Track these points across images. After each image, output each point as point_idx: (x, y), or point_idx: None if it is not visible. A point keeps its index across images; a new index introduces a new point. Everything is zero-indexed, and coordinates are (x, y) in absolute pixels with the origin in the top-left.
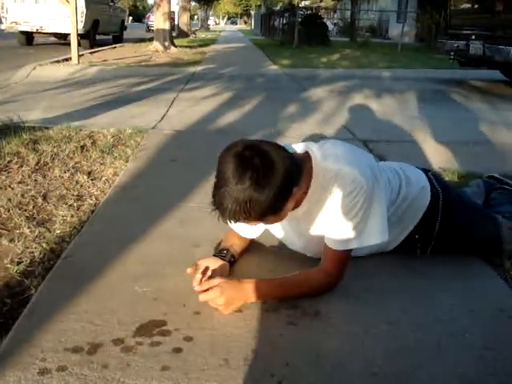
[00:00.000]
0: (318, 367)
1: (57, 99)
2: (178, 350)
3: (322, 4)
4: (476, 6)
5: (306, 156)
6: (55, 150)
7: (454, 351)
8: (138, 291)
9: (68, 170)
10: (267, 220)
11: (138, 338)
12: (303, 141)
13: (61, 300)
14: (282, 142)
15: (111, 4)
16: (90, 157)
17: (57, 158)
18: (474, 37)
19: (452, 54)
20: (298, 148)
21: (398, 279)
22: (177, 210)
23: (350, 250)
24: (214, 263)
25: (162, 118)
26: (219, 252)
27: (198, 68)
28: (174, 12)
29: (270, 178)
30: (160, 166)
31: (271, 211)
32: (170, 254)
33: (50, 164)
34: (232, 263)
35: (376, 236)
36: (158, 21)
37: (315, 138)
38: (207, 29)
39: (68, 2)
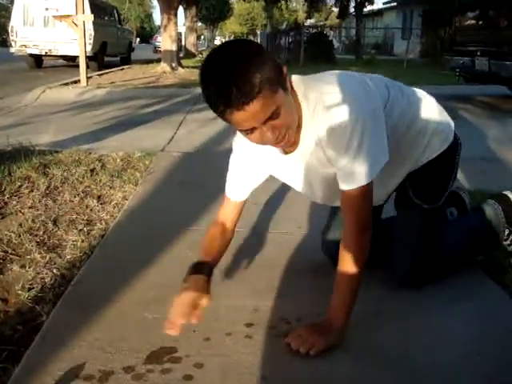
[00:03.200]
0: None
1: (66, 122)
2: (188, 378)
3: (328, 22)
4: (481, 22)
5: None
6: (65, 173)
7: (465, 373)
8: (148, 317)
9: (78, 195)
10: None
11: (149, 365)
12: None
13: (72, 327)
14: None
15: (119, 26)
16: (100, 180)
17: (67, 182)
18: (479, 53)
19: (458, 70)
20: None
21: (407, 301)
22: (186, 234)
23: (363, 189)
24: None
25: (171, 140)
26: (197, 268)
27: None
28: (180, 33)
29: (261, 54)
30: (169, 189)
31: (271, 83)
32: (180, 278)
33: (60, 188)
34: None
35: (380, 157)
36: (165, 42)
37: None
38: None
39: (76, 25)
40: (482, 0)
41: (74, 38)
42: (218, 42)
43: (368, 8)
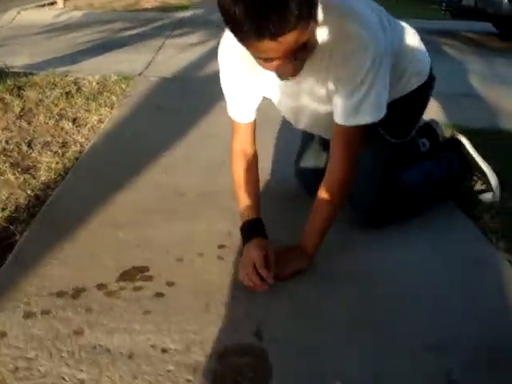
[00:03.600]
0: (297, 312)
1: (42, 44)
2: (160, 295)
3: None
4: None
5: None
6: (40, 96)
7: (429, 300)
8: (121, 238)
9: (53, 117)
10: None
11: (122, 282)
12: None
13: (45, 245)
14: None
15: None
16: (75, 103)
17: (42, 105)
18: None
19: (444, 4)
20: None
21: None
22: (162, 158)
23: (360, 129)
24: (260, 256)
25: (149, 65)
26: (254, 229)
27: (187, 13)
28: None
29: None
30: (145, 113)
31: (308, 14)
32: (154, 202)
33: (35, 111)
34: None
35: (378, 110)
36: None
37: None
38: None
39: None
40: None
41: None
42: None
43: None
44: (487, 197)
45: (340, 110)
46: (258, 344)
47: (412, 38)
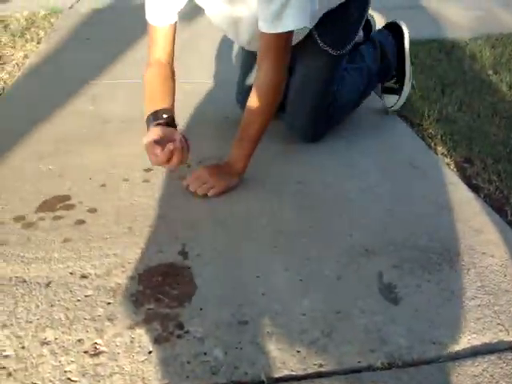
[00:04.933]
0: (223, 228)
1: None
2: (80, 222)
3: None
4: None
5: None
6: None
7: (363, 205)
8: (42, 169)
9: None
10: None
11: (41, 213)
12: None
13: None
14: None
15: None
16: (0, 41)
17: None
18: None
19: None
20: None
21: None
22: (88, 88)
23: (286, 36)
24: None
25: None
26: (156, 117)
27: None
28: None
29: None
30: (73, 45)
31: None
32: (79, 130)
33: None
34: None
35: (302, 16)
36: None
37: None
38: None
39: None
40: None
41: None
42: None
43: None
44: (391, 100)
45: (262, 17)
46: (182, 262)
47: None
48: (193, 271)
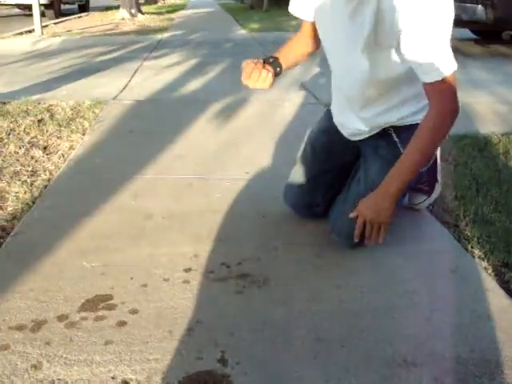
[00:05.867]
0: (263, 335)
1: (19, 73)
2: (122, 324)
3: None
4: None
5: None
6: (11, 125)
7: (402, 313)
8: (85, 266)
9: (23, 146)
10: None
11: (83, 313)
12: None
13: (7, 279)
14: (246, 107)
15: None
16: (47, 131)
17: (13, 134)
18: None
19: None
20: None
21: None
22: (131, 182)
23: (451, 76)
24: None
25: (124, 88)
26: (266, 58)
27: (165, 35)
28: None
29: None
30: (117, 137)
31: None
32: (121, 227)
33: (6, 140)
34: (277, 74)
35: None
36: None
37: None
38: None
39: None
40: None
41: None
42: None
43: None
44: (419, 198)
45: (420, 71)
46: (222, 370)
47: None
48: (232, 380)
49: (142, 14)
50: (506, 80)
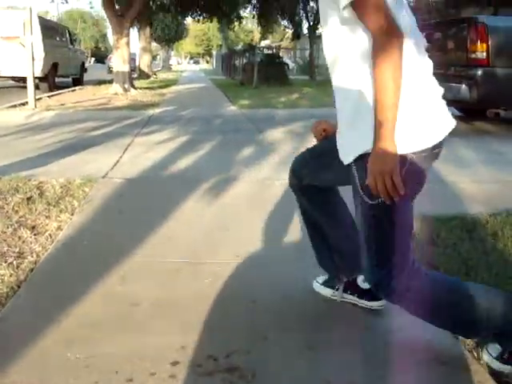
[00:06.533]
0: None
1: (10, 146)
2: None
3: (283, 43)
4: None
5: None
6: (0, 202)
7: None
8: (70, 358)
9: (11, 225)
10: None
11: None
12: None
13: None
14: (236, 186)
15: (71, 47)
16: (36, 209)
17: (1, 212)
18: None
19: None
20: None
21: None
22: (119, 266)
23: None
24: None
25: (114, 166)
26: None
27: (157, 110)
28: (134, 53)
29: None
30: (106, 218)
31: None
32: (108, 314)
33: None
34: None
35: None
36: (117, 63)
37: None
38: (169, 69)
39: (24, 46)
40: (427, 24)
41: (23, 58)
42: (173, 61)
43: (321, 30)
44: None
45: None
46: None
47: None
48: None
49: (135, 88)
50: (491, 159)
